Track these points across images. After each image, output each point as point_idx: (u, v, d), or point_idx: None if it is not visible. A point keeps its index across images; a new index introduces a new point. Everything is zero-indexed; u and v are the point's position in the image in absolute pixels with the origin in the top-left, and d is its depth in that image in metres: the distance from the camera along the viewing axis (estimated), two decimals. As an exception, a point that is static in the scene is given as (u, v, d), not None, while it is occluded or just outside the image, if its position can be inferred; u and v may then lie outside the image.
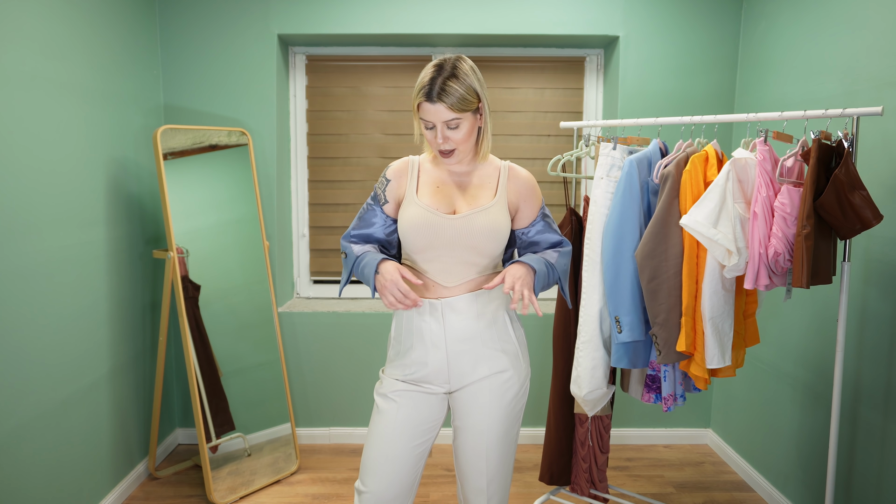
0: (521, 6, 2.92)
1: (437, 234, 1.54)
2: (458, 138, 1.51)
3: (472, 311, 1.57)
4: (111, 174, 2.50)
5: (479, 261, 1.57)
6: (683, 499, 2.65)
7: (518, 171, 1.64)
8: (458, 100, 1.46)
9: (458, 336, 1.57)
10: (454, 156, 1.54)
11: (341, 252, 1.67)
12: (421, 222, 1.55)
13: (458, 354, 1.57)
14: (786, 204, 1.77)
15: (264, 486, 2.70)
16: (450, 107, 1.46)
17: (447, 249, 1.55)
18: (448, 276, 1.57)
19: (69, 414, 2.23)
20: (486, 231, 1.54)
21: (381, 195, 1.65)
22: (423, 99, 1.47)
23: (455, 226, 1.54)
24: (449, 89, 1.45)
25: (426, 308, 1.57)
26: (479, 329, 1.57)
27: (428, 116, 1.49)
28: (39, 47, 2.06)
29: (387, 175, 1.64)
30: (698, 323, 1.92)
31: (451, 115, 1.47)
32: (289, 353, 3.07)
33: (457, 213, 1.57)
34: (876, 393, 2.03)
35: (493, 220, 1.55)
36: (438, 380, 1.60)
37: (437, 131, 1.50)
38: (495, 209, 1.57)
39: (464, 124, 1.50)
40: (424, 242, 1.55)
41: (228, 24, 2.91)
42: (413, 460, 1.58)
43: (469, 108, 1.49)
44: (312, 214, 3.26)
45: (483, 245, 1.55)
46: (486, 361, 1.58)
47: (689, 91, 2.97)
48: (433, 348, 1.58)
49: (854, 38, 2.16)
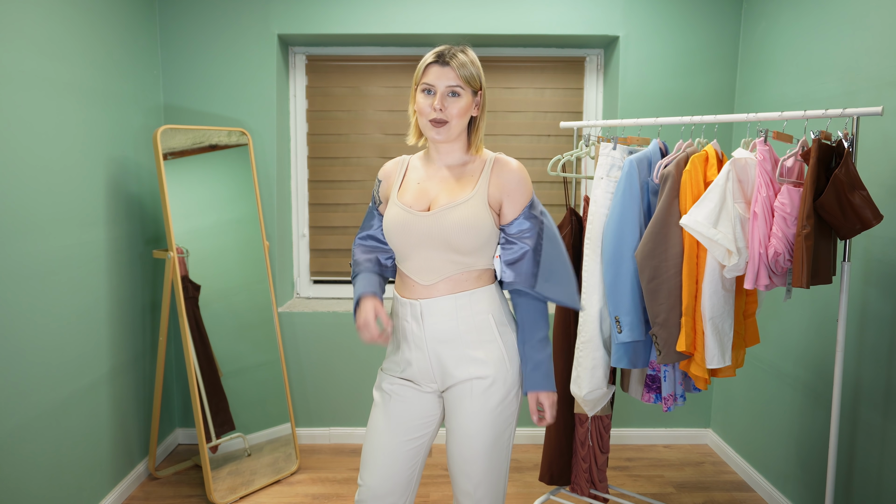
0: (522, 6, 2.92)
1: (409, 233, 1.53)
2: (453, 111, 1.49)
3: (451, 313, 1.54)
4: (111, 174, 2.50)
5: (456, 258, 1.52)
6: (683, 499, 2.65)
7: (505, 164, 1.56)
8: (466, 70, 1.49)
9: (438, 337, 1.55)
10: (444, 128, 1.50)
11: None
12: (395, 221, 1.55)
13: (440, 355, 1.55)
14: (786, 204, 1.77)
15: (264, 486, 2.70)
16: (458, 74, 1.48)
17: (421, 247, 1.53)
18: (425, 275, 1.54)
19: (69, 414, 2.23)
20: (459, 227, 1.49)
21: (375, 196, 1.68)
22: (433, 60, 1.50)
23: (426, 223, 1.51)
24: (461, 58, 1.50)
25: (407, 309, 1.57)
26: (459, 331, 1.54)
27: (432, 79, 1.49)
28: (39, 47, 2.06)
29: (379, 176, 1.68)
30: (698, 323, 1.92)
31: (456, 82, 1.48)
32: (289, 353, 3.07)
33: (430, 210, 1.53)
34: (876, 393, 2.03)
35: (468, 216, 1.50)
36: (426, 379, 1.59)
37: (438, 97, 1.48)
38: (471, 203, 1.51)
39: (463, 98, 1.50)
40: (399, 241, 1.55)
41: (228, 24, 2.91)
42: (408, 455, 1.57)
43: (473, 84, 1.51)
44: (312, 214, 3.26)
45: (458, 241, 1.50)
46: (467, 364, 1.55)
47: (689, 91, 2.97)
48: (416, 349, 1.57)
49: (854, 38, 2.16)
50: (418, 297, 1.56)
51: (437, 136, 1.51)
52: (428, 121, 1.51)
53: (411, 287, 1.57)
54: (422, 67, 1.52)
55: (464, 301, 1.54)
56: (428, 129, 1.52)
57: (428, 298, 1.55)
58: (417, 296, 1.56)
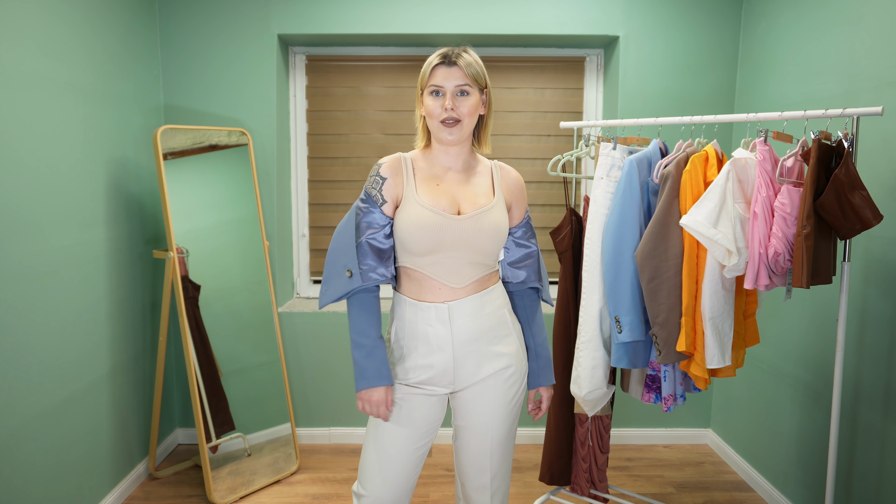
0: (521, 6, 2.92)
1: (445, 236, 1.50)
2: (464, 109, 1.49)
3: (477, 312, 1.55)
4: (111, 174, 2.50)
5: (484, 260, 1.56)
6: (683, 499, 2.65)
7: (508, 172, 1.65)
8: (473, 69, 1.50)
9: (464, 338, 1.55)
10: (457, 128, 1.50)
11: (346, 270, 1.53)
12: (427, 223, 1.49)
13: (465, 356, 1.56)
14: (786, 204, 1.77)
15: (264, 486, 2.70)
16: (465, 73, 1.49)
17: (454, 251, 1.51)
18: (456, 278, 1.54)
19: (69, 414, 2.23)
20: (493, 232, 1.53)
21: (378, 195, 1.54)
22: (440, 61, 1.50)
23: (463, 227, 1.51)
24: (466, 57, 1.51)
25: (431, 313, 1.54)
26: (483, 329, 1.56)
27: (440, 80, 1.49)
28: (39, 47, 2.06)
29: (380, 173, 1.55)
30: (698, 323, 1.92)
31: (464, 81, 1.49)
32: (289, 353, 3.07)
33: (462, 214, 1.53)
34: (876, 393, 2.03)
35: (498, 221, 1.55)
36: (443, 381, 1.57)
37: (447, 97, 1.49)
38: (497, 209, 1.56)
39: (472, 96, 1.51)
40: (431, 245, 1.50)
41: (228, 24, 2.91)
42: (413, 463, 1.57)
43: (480, 82, 1.52)
44: (312, 214, 3.26)
45: (488, 246, 1.54)
46: (490, 360, 1.57)
47: (689, 91, 2.97)
48: (439, 351, 1.55)
49: (854, 38, 2.16)
50: (445, 299, 1.54)
51: (450, 136, 1.51)
52: (439, 122, 1.50)
53: (437, 290, 1.54)
54: (427, 70, 1.52)
55: (487, 298, 1.58)
56: (440, 130, 1.52)
57: (456, 300, 1.54)
58: (444, 298, 1.54)
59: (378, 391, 1.51)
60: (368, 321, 1.54)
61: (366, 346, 1.52)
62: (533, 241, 1.66)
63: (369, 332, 1.53)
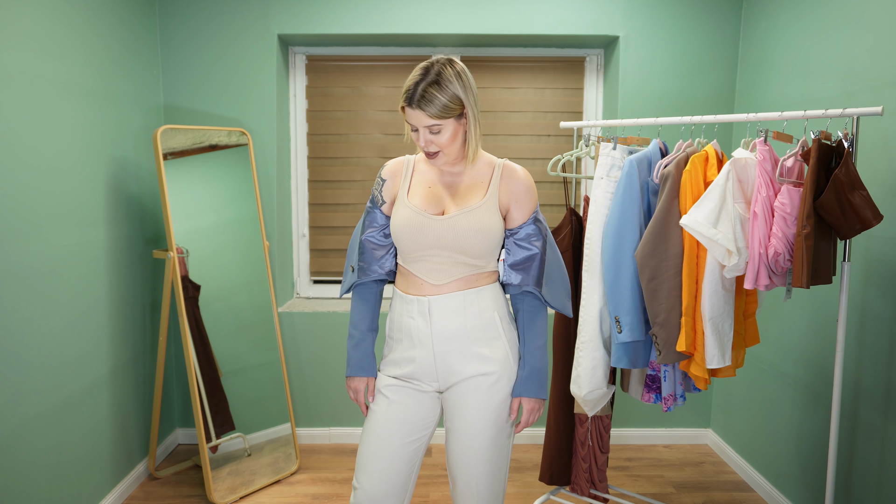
0: (521, 6, 2.92)
1: (424, 236, 1.53)
2: (441, 142, 1.50)
3: (459, 310, 1.56)
4: (111, 174, 2.50)
5: (468, 260, 1.55)
6: (683, 499, 2.65)
7: (513, 172, 1.60)
8: (437, 107, 1.45)
9: (444, 335, 1.56)
10: (439, 157, 1.54)
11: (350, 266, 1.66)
12: (408, 224, 1.54)
13: (445, 353, 1.56)
14: (786, 204, 1.77)
15: (264, 486, 2.70)
16: (429, 114, 1.46)
17: (435, 250, 1.54)
18: (436, 275, 1.56)
19: (69, 414, 2.23)
20: (473, 232, 1.53)
21: (378, 196, 1.64)
22: (405, 103, 1.49)
23: (441, 227, 1.53)
24: (429, 96, 1.45)
25: (413, 306, 1.57)
26: (466, 328, 1.56)
27: (411, 119, 1.50)
28: (39, 47, 2.06)
29: (382, 175, 1.64)
30: (698, 323, 1.92)
31: (430, 122, 1.47)
32: (289, 353, 3.07)
33: (445, 214, 1.55)
34: (876, 393, 2.03)
35: (481, 221, 1.53)
36: (427, 377, 1.59)
37: (420, 135, 1.50)
38: (484, 209, 1.55)
39: (446, 130, 1.49)
40: (412, 244, 1.55)
41: (228, 24, 2.91)
42: (406, 457, 1.57)
43: (450, 114, 1.47)
44: (312, 214, 3.26)
45: (471, 246, 1.53)
46: (473, 361, 1.57)
47: (689, 91, 2.97)
48: (420, 346, 1.57)
49: (854, 38, 2.16)
50: (426, 293, 1.57)
51: (436, 163, 1.56)
52: (422, 153, 1.56)
53: (419, 285, 1.58)
54: (400, 102, 1.51)
55: (472, 297, 1.57)
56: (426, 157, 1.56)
57: (437, 296, 1.56)
58: (426, 292, 1.57)
59: (358, 380, 1.65)
60: (361, 314, 1.67)
61: (354, 337, 1.66)
62: (538, 243, 1.59)
63: (360, 324, 1.66)
